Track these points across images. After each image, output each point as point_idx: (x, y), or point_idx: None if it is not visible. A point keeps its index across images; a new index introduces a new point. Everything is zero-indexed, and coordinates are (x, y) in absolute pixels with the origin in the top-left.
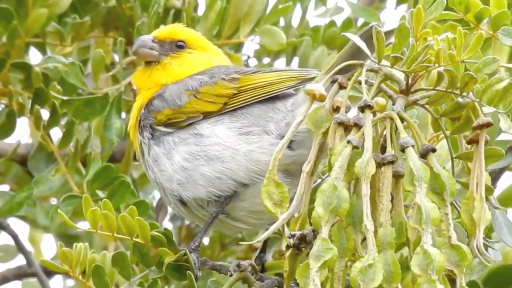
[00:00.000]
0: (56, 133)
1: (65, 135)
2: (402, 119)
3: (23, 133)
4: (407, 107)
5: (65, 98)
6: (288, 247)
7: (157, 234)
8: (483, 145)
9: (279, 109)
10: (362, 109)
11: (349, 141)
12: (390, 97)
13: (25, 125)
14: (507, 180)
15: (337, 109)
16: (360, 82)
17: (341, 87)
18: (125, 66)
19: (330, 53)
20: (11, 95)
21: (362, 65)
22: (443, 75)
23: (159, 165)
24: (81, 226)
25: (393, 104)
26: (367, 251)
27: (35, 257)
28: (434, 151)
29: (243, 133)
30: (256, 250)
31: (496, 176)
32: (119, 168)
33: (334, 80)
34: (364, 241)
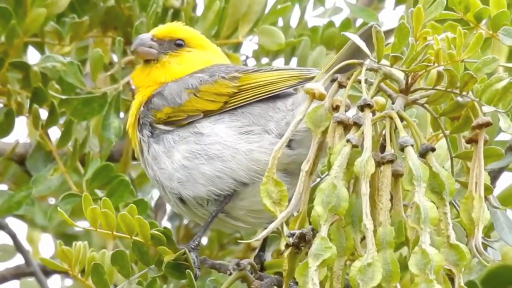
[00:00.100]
0: (54, 133)
1: (64, 134)
2: (401, 118)
3: (21, 133)
4: (407, 106)
5: (64, 97)
6: (287, 246)
7: (156, 233)
8: (482, 145)
9: (279, 108)
10: (361, 108)
11: (348, 140)
12: (389, 96)
13: (24, 124)
14: (507, 180)
15: (336, 108)
16: (359, 81)
17: (341, 86)
18: (123, 65)
19: (328, 53)
20: (9, 95)
21: (361, 64)
22: (443, 75)
23: (159, 163)
24: (80, 225)
25: (393, 103)
26: (366, 250)
27: (33, 257)
28: (433, 150)
29: (243, 132)
30: (254, 249)
31: (495, 175)
32: (118, 167)
33: (333, 79)
34: (363, 240)
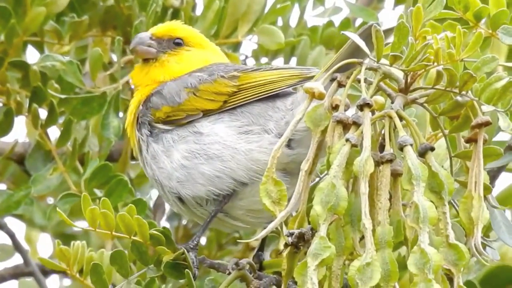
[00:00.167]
0: (54, 132)
1: (63, 133)
2: (400, 118)
3: (20, 132)
4: (406, 105)
5: (63, 96)
6: (286, 245)
7: (155, 232)
8: (482, 144)
9: (278, 107)
10: (361, 108)
11: (347, 140)
12: (389, 95)
13: (23, 123)
14: (506, 180)
15: (336, 108)
16: (359, 80)
17: (340, 85)
18: (123, 65)
19: (328, 53)
20: (9, 94)
21: (361, 64)
22: (442, 74)
23: (158, 162)
24: (79, 225)
25: (392, 102)
26: (365, 249)
27: (32, 257)
28: (432, 149)
29: (242, 132)
30: (253, 249)
31: (494, 175)
32: (117, 167)
33: (333, 78)
34: (362, 240)
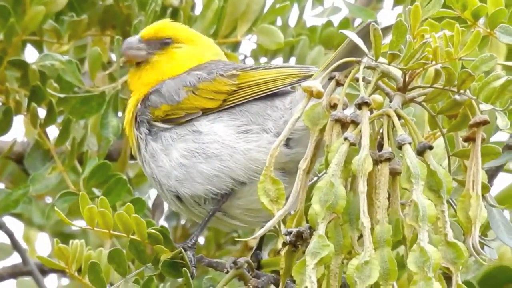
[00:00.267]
0: (52, 131)
1: (62, 133)
2: (399, 117)
3: (19, 131)
4: (404, 104)
5: (62, 96)
6: (284, 244)
7: (153, 231)
8: (480, 143)
9: (277, 107)
10: (359, 106)
11: (346, 138)
12: (387, 94)
13: (21, 123)
14: (505, 180)
15: (334, 106)
16: (357, 79)
17: (338, 84)
18: (122, 64)
19: (327, 53)
20: (7, 93)
21: (359, 62)
22: (440, 73)
23: (157, 160)
24: (77, 224)
25: (390, 101)
26: (363, 248)
27: (30, 256)
28: (431, 148)
29: (241, 132)
30: (251, 249)
31: (492, 174)
32: (116, 167)
33: (331, 77)
34: (360, 238)
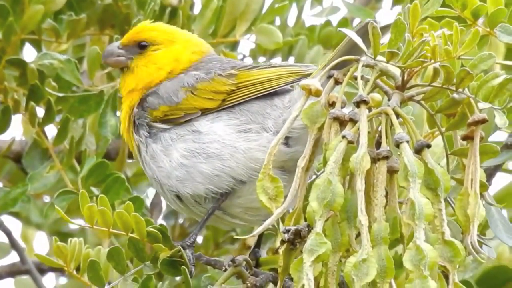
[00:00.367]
0: (51, 130)
1: (60, 132)
2: (397, 115)
3: (17, 130)
4: (403, 103)
5: (60, 95)
6: (282, 242)
7: (153, 230)
8: (478, 142)
9: (276, 105)
10: (357, 104)
11: (344, 136)
12: (385, 92)
13: (20, 122)
14: (504, 179)
15: (332, 104)
16: (356, 77)
17: (337, 82)
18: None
19: (325, 53)
20: (6, 92)
21: (358, 61)
22: (439, 71)
23: (157, 161)
24: (76, 222)
25: (389, 99)
26: (361, 246)
27: (28, 255)
28: (428, 147)
29: (241, 131)
30: (250, 248)
31: (491, 173)
32: (114, 166)
33: (330, 75)
34: (358, 236)
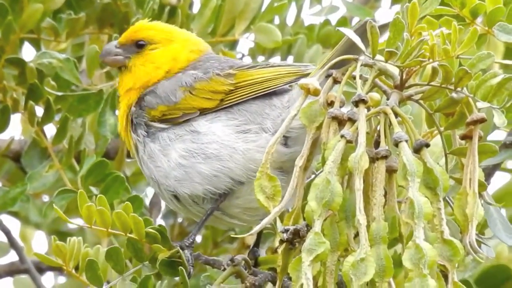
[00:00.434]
0: (50, 129)
1: (59, 131)
2: (396, 114)
3: (16, 129)
4: (401, 102)
5: (60, 94)
6: (281, 241)
7: (151, 231)
8: (477, 141)
9: (275, 105)
10: (356, 104)
11: (342, 136)
12: (384, 92)
13: (19, 121)
14: (503, 179)
15: (331, 104)
16: (354, 77)
17: (336, 81)
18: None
19: (324, 52)
20: (5, 91)
21: (356, 60)
22: (438, 71)
23: (155, 161)
24: (75, 222)
25: (387, 99)
26: (359, 245)
27: (27, 254)
28: (427, 146)
29: (240, 131)
30: (248, 247)
31: (490, 172)
32: (113, 165)
33: (328, 74)
34: (356, 236)
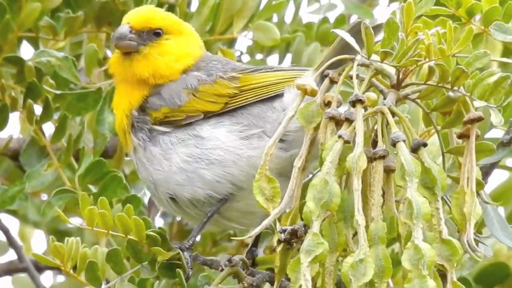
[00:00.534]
0: (48, 128)
1: (58, 129)
2: (393, 114)
3: (15, 128)
4: (398, 101)
5: (58, 92)
6: (279, 242)
7: (152, 233)
8: (474, 140)
9: (275, 108)
10: (353, 104)
11: (340, 136)
12: (381, 91)
13: (17, 119)
14: (500, 177)
15: (328, 104)
16: (351, 77)
17: (332, 82)
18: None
19: (323, 50)
20: (3, 89)
21: (353, 60)
22: (434, 70)
23: (154, 164)
24: (74, 221)
25: (384, 98)
26: (358, 246)
27: (25, 253)
28: (425, 145)
29: (244, 137)
30: (247, 246)
31: (487, 171)
32: (111, 163)
33: (325, 75)
34: (355, 236)
